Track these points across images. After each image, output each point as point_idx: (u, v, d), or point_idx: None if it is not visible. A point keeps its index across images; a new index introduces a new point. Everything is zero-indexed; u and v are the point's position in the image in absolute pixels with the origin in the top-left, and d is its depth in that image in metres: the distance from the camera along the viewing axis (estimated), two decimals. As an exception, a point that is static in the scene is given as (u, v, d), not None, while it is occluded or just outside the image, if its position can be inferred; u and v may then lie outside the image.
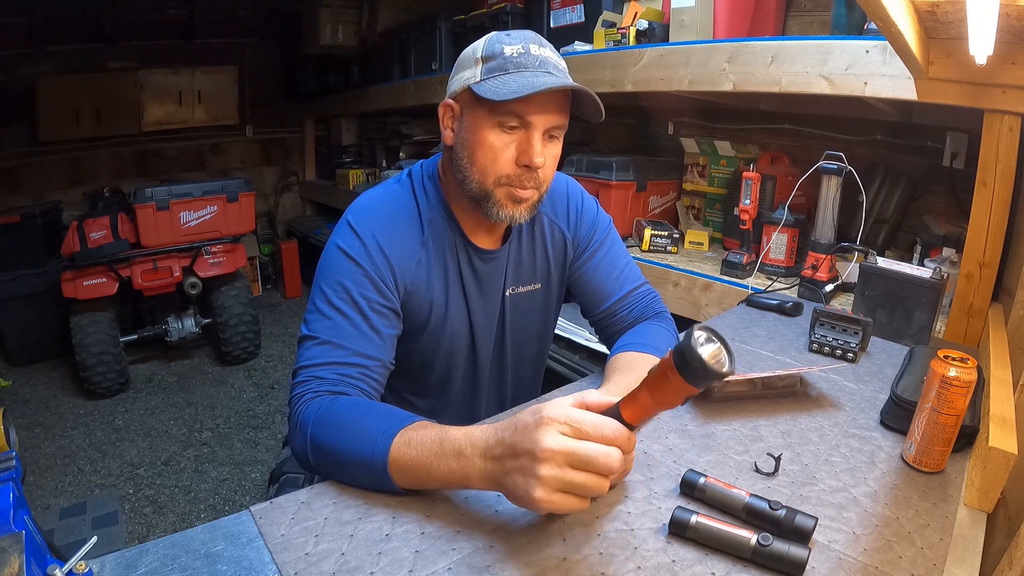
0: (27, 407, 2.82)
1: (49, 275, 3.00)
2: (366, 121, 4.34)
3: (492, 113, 0.80)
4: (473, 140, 0.82)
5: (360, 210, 0.88)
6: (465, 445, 0.61)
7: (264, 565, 0.57)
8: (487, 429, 0.61)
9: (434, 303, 0.91)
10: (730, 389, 0.93)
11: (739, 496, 0.65)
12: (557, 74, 0.81)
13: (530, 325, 1.03)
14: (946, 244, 1.38)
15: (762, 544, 0.58)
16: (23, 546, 0.49)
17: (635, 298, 1.02)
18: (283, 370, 3.27)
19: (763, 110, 1.91)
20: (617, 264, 1.03)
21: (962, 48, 0.92)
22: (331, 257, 0.85)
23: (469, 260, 0.93)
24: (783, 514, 0.62)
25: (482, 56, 0.81)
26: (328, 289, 0.82)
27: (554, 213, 1.01)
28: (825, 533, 0.64)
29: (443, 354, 0.95)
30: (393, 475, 0.64)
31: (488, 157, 0.81)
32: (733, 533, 0.60)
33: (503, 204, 0.84)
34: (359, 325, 0.80)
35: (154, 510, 2.12)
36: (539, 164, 0.81)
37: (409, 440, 0.64)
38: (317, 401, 0.73)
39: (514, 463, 0.56)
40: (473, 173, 0.83)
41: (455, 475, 0.61)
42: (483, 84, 0.79)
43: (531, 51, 0.80)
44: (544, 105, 0.79)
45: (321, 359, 0.77)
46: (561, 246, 1.01)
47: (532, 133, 0.80)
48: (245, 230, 3.22)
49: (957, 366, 0.71)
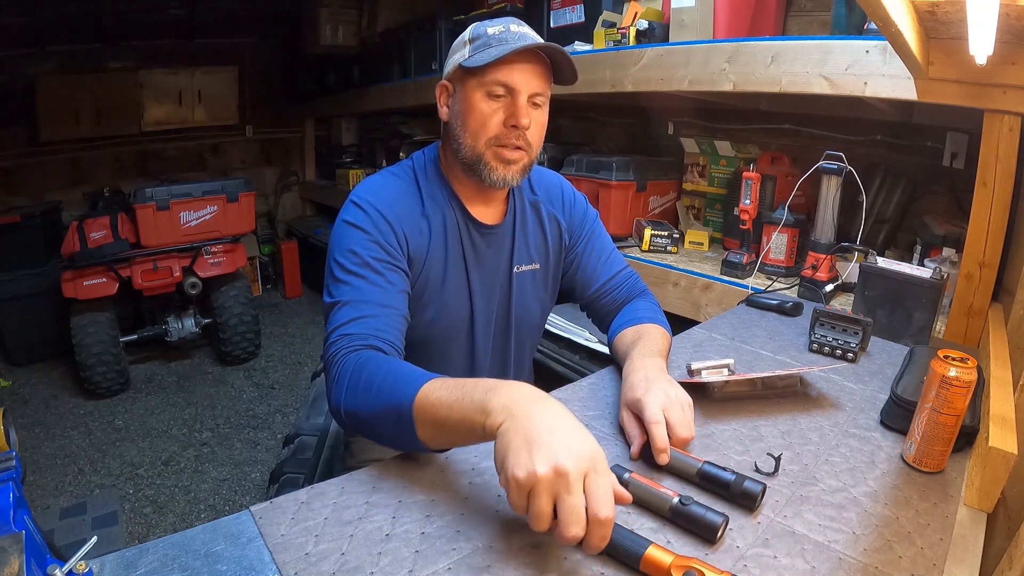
0: (27, 407, 2.82)
1: (49, 275, 3.00)
2: (366, 121, 4.34)
3: (480, 84, 0.89)
4: (465, 109, 0.91)
5: (361, 189, 0.95)
6: (500, 384, 0.62)
7: (264, 565, 0.57)
8: (534, 390, 0.62)
9: (432, 274, 0.96)
10: (730, 389, 0.93)
11: (693, 463, 0.70)
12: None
13: (531, 303, 1.09)
14: (946, 244, 1.38)
15: (682, 504, 0.62)
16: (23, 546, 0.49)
17: (620, 279, 1.12)
18: (283, 370, 3.27)
19: (763, 110, 1.91)
20: (604, 250, 1.13)
21: (962, 48, 0.92)
22: (339, 231, 0.92)
23: (469, 234, 0.99)
24: (732, 478, 0.67)
25: (469, 39, 0.92)
26: (341, 258, 0.88)
27: (550, 203, 1.09)
28: (825, 533, 0.64)
29: (441, 326, 0.99)
30: (417, 417, 0.66)
31: (478, 121, 0.90)
32: (656, 492, 0.64)
33: (494, 166, 0.92)
34: (375, 281, 0.86)
35: (154, 510, 2.12)
36: (525, 124, 0.90)
37: (441, 384, 0.66)
38: (353, 356, 0.77)
39: (538, 437, 0.55)
40: (466, 138, 0.92)
41: (475, 406, 0.61)
42: (470, 59, 0.89)
43: (511, 29, 0.90)
44: (524, 72, 0.89)
45: (347, 317, 0.82)
46: (557, 233, 1.09)
47: (517, 98, 0.89)
48: (245, 230, 3.22)
49: (957, 366, 0.71)
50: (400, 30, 3.16)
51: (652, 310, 1.08)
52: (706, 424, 0.85)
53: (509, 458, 0.55)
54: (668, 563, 0.55)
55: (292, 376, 3.19)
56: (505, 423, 0.58)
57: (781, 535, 0.63)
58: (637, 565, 0.56)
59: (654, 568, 0.55)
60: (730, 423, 0.86)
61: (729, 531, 0.63)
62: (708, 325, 1.26)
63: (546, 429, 0.56)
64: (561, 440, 0.55)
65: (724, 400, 0.92)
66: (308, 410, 1.44)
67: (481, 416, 0.60)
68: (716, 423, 0.86)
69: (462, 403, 0.62)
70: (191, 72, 4.15)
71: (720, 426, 0.85)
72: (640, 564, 0.56)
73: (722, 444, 0.80)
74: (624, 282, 1.12)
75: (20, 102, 3.58)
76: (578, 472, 0.53)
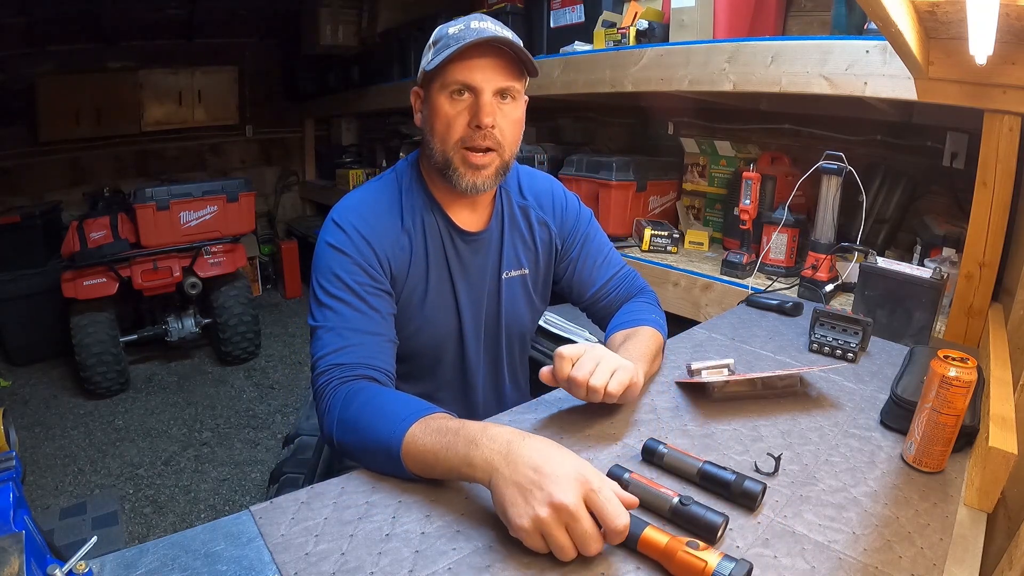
0: (27, 407, 2.82)
1: (49, 275, 3.00)
2: (366, 121, 4.34)
3: (442, 86, 0.87)
4: (431, 113, 0.90)
5: (341, 208, 0.94)
6: (480, 436, 0.63)
7: (264, 565, 0.57)
8: (511, 432, 0.63)
9: (416, 289, 0.95)
10: (730, 389, 0.93)
11: (693, 463, 0.71)
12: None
13: (522, 309, 1.08)
14: (946, 244, 1.38)
15: (682, 504, 0.62)
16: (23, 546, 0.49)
17: (617, 280, 1.11)
18: (283, 370, 3.27)
19: (763, 110, 1.91)
20: (601, 251, 1.12)
21: (962, 48, 0.92)
22: (321, 253, 0.91)
23: (453, 242, 0.98)
24: (732, 478, 0.67)
25: (432, 42, 0.91)
26: (324, 281, 0.88)
27: (540, 208, 1.07)
28: (825, 533, 0.64)
29: (428, 338, 0.98)
30: (405, 459, 0.67)
31: (443, 124, 0.88)
32: (656, 492, 0.64)
33: (463, 172, 0.90)
34: (359, 307, 0.86)
35: (154, 510, 2.12)
36: (487, 123, 0.86)
37: (426, 427, 0.67)
38: (343, 388, 0.78)
39: (525, 481, 0.57)
40: (435, 143, 0.90)
41: (460, 459, 0.63)
42: (431, 63, 0.88)
43: (471, 26, 0.88)
44: (484, 69, 0.86)
45: (334, 345, 0.83)
46: (548, 239, 1.08)
47: (480, 96, 0.86)
48: (245, 230, 3.22)
49: (957, 366, 0.71)
50: (400, 30, 3.16)
51: (647, 310, 1.06)
52: (706, 424, 0.85)
53: (509, 511, 0.57)
54: (664, 543, 0.57)
55: (292, 376, 3.19)
56: (492, 478, 0.60)
57: (781, 535, 0.63)
58: (635, 546, 0.58)
59: (652, 548, 0.57)
60: (730, 423, 0.86)
61: (729, 531, 0.63)
62: (708, 325, 1.26)
63: (532, 470, 0.58)
64: (548, 476, 0.57)
65: (724, 400, 0.92)
66: (308, 410, 1.44)
67: (467, 470, 0.62)
68: (716, 423, 0.86)
69: (447, 454, 0.64)
70: (191, 72, 4.15)
71: (720, 426, 0.85)
72: (638, 545, 0.58)
73: (722, 444, 0.80)
74: (622, 282, 1.11)
75: (20, 102, 3.58)
76: (576, 500, 0.55)
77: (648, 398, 0.92)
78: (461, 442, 0.63)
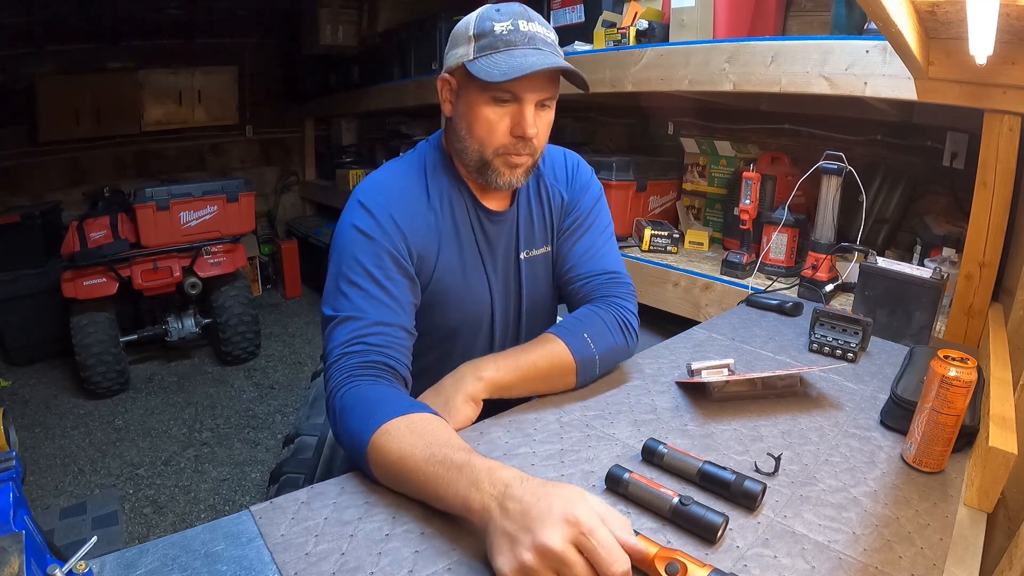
0: (27, 407, 2.82)
1: (49, 275, 3.00)
2: (366, 121, 4.34)
3: (485, 90, 0.85)
4: (470, 114, 0.87)
5: (368, 187, 0.91)
6: (483, 479, 0.58)
7: (264, 565, 0.57)
8: (512, 476, 0.58)
9: (449, 269, 0.93)
10: (730, 389, 0.93)
11: (693, 463, 0.71)
12: (545, 49, 0.85)
13: (544, 289, 1.05)
14: (946, 244, 1.38)
15: (682, 504, 0.62)
16: (23, 546, 0.49)
17: (595, 281, 1.01)
18: (283, 370, 3.27)
19: (763, 110, 1.91)
20: (594, 241, 1.04)
21: (962, 48, 0.92)
22: (345, 236, 0.87)
23: (480, 221, 0.96)
24: (732, 478, 0.67)
25: (474, 34, 0.85)
26: (345, 268, 0.84)
27: (555, 178, 1.05)
28: (825, 533, 0.64)
29: (471, 310, 0.96)
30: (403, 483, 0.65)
31: (485, 129, 0.87)
32: (656, 492, 0.64)
33: (501, 172, 0.90)
34: (378, 296, 0.83)
35: (154, 510, 2.12)
36: (532, 135, 0.86)
37: (425, 460, 0.63)
38: (352, 392, 0.75)
39: (512, 527, 0.54)
40: (473, 143, 0.89)
41: (459, 502, 0.59)
42: (476, 63, 0.83)
43: (520, 27, 0.84)
44: (533, 81, 0.84)
45: (346, 336, 0.80)
46: (560, 207, 1.05)
47: (524, 107, 0.86)
48: (245, 230, 3.23)
49: (957, 366, 0.71)
50: (400, 30, 3.16)
51: (591, 322, 0.94)
52: (706, 424, 0.85)
53: (496, 559, 0.54)
54: (652, 553, 0.55)
55: (292, 376, 3.19)
56: (487, 526, 0.56)
57: (781, 535, 0.63)
58: None
59: (637, 558, 0.55)
60: (730, 423, 0.86)
61: (729, 531, 0.63)
62: (708, 325, 1.26)
63: (520, 515, 0.54)
64: (535, 519, 0.53)
65: (724, 400, 0.92)
66: (308, 410, 1.44)
67: (465, 513, 0.59)
68: (716, 423, 0.86)
69: (447, 491, 0.60)
70: (191, 72, 4.15)
71: (720, 426, 0.85)
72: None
73: (722, 444, 0.80)
74: (597, 285, 1.01)
75: (20, 102, 3.58)
76: (563, 543, 0.51)
77: (648, 398, 0.92)
78: (463, 482, 0.59)
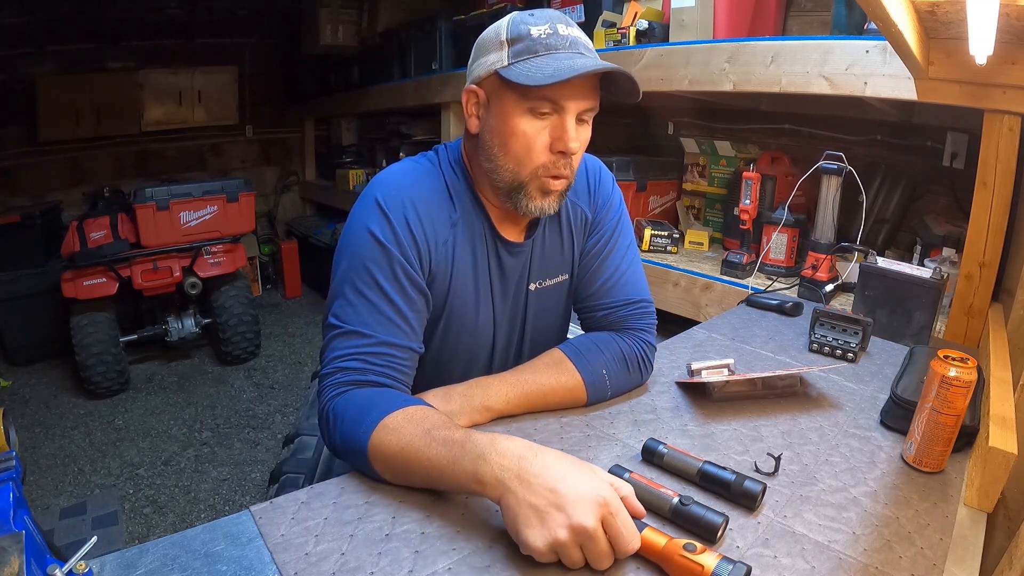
0: (27, 407, 2.82)
1: (49, 275, 3.00)
2: (366, 121, 4.34)
3: (523, 99, 0.76)
4: (505, 129, 0.78)
5: (389, 186, 0.82)
6: (489, 450, 0.59)
7: (264, 565, 0.57)
8: (522, 447, 0.60)
9: (465, 294, 0.87)
10: (730, 389, 0.93)
11: (693, 463, 0.71)
12: (588, 55, 0.77)
13: (552, 319, 0.99)
14: (946, 244, 1.38)
15: (682, 504, 0.62)
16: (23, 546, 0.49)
17: (619, 312, 0.94)
18: (283, 370, 3.27)
19: (763, 110, 1.91)
20: (618, 266, 0.96)
21: (962, 48, 0.92)
22: (358, 238, 0.79)
23: (496, 252, 0.88)
24: (732, 478, 0.67)
25: (508, 39, 0.77)
26: (354, 273, 0.78)
27: (575, 193, 0.94)
28: (825, 533, 0.64)
29: (464, 350, 0.91)
30: (402, 474, 0.67)
31: (522, 146, 0.78)
32: (657, 492, 0.65)
33: (533, 197, 0.81)
34: (386, 312, 0.77)
35: (154, 510, 2.12)
36: (574, 149, 0.77)
37: (429, 443, 0.64)
38: (343, 398, 0.74)
39: (541, 503, 0.55)
40: (507, 162, 0.79)
41: (468, 476, 0.60)
42: (512, 68, 0.75)
43: (559, 31, 0.76)
44: (577, 89, 0.75)
45: (347, 349, 0.75)
46: (583, 226, 0.96)
47: (565, 118, 0.77)
48: (245, 230, 3.22)
49: (957, 366, 0.71)
50: (400, 30, 3.16)
51: (603, 343, 0.90)
52: (706, 424, 0.85)
53: (523, 532, 0.55)
54: (663, 545, 0.57)
55: (292, 376, 3.19)
56: (504, 497, 0.57)
57: (781, 535, 0.63)
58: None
59: (650, 550, 0.57)
60: (730, 423, 0.86)
61: (729, 531, 0.63)
62: (708, 325, 1.26)
63: (548, 491, 0.56)
64: (566, 497, 0.55)
65: (724, 400, 0.92)
66: (308, 410, 1.44)
67: (476, 486, 0.60)
68: (716, 423, 0.86)
69: (453, 469, 0.61)
70: (191, 72, 4.15)
71: (720, 426, 0.85)
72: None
73: (722, 444, 0.80)
74: (617, 310, 0.95)
75: (20, 102, 3.58)
76: (596, 523, 0.54)
77: (648, 398, 0.92)
78: (468, 456, 0.60)
